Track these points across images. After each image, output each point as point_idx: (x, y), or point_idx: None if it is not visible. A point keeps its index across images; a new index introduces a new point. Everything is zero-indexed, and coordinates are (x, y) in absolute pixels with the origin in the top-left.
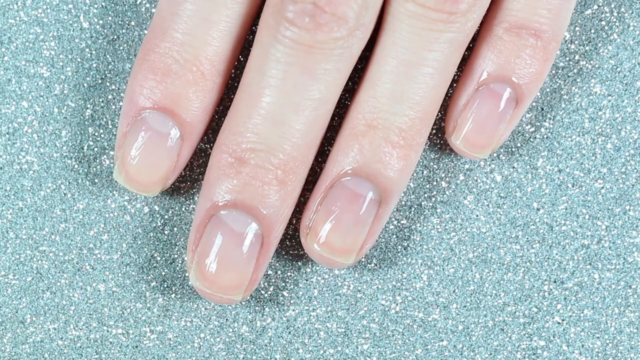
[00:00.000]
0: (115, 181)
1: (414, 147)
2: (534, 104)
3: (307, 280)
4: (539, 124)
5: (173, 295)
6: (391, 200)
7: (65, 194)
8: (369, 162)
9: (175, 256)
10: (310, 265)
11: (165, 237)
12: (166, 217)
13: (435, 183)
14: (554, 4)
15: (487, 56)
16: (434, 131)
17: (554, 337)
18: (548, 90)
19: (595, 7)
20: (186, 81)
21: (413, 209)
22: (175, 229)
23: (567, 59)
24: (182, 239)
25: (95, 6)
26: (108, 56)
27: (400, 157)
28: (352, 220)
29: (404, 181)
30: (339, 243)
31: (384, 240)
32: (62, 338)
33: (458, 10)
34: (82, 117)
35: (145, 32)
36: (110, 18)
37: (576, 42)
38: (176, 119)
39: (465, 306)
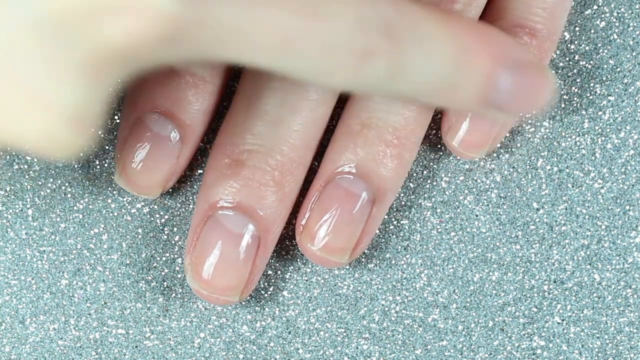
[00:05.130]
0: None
1: (407, 146)
2: None
3: (307, 280)
4: (539, 124)
5: (173, 295)
6: (385, 199)
7: (65, 194)
8: (363, 161)
9: (175, 256)
10: (310, 265)
11: (165, 237)
12: (166, 217)
13: (435, 183)
14: (549, 3)
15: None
16: (433, 131)
17: (554, 337)
18: None
19: (595, 7)
20: (186, 84)
21: (413, 209)
22: (175, 229)
23: (567, 59)
24: (182, 239)
25: None
26: None
27: (394, 156)
28: (346, 219)
29: (399, 180)
30: (332, 242)
31: (384, 240)
32: (62, 338)
33: (453, 9)
34: None
35: None
36: None
37: (576, 42)
38: (176, 122)
39: (465, 306)
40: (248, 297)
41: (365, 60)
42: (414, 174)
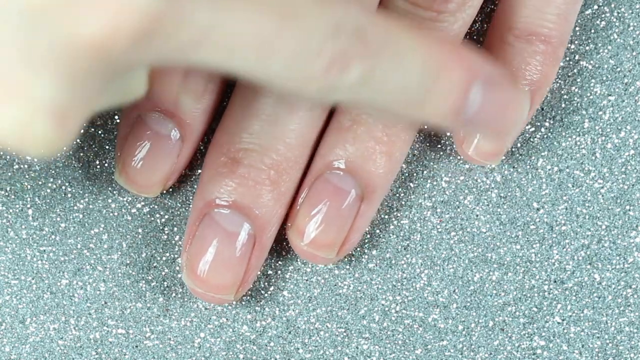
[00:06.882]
0: (116, 181)
1: (397, 143)
2: None
3: (307, 280)
4: (539, 124)
5: (173, 295)
6: (374, 196)
7: (65, 194)
8: (352, 157)
9: (175, 256)
10: (310, 265)
11: (165, 237)
12: (166, 217)
13: (435, 183)
14: (562, 9)
15: (498, 63)
16: (433, 131)
17: (554, 337)
18: (548, 90)
19: (595, 7)
20: None
21: (413, 209)
22: (175, 229)
23: (567, 59)
24: (182, 239)
25: None
26: None
27: (384, 153)
28: (334, 214)
29: (388, 178)
30: (320, 237)
31: (384, 240)
32: (62, 338)
33: (446, 9)
34: None
35: None
36: None
37: (576, 42)
38: (176, 121)
39: (465, 306)
40: (248, 297)
41: (339, 66)
42: (414, 174)
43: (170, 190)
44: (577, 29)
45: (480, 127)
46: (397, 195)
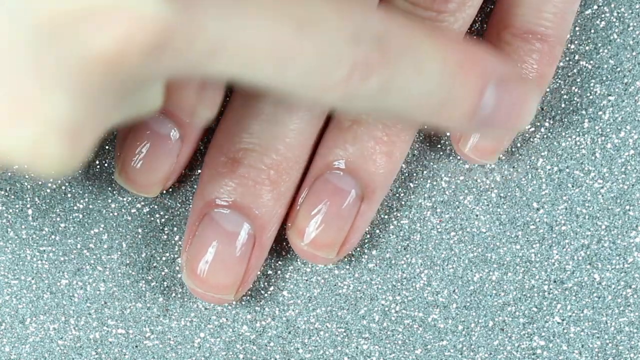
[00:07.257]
0: (115, 181)
1: (397, 143)
2: None
3: (307, 280)
4: (539, 124)
5: (173, 295)
6: (374, 196)
7: (65, 194)
8: (352, 157)
9: (175, 256)
10: (310, 265)
11: (165, 237)
12: (166, 217)
13: (435, 183)
14: (559, 8)
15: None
16: (433, 131)
17: (554, 337)
18: (548, 90)
19: (595, 7)
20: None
21: (413, 209)
22: (175, 229)
23: (567, 59)
24: (182, 239)
25: None
26: None
27: (384, 153)
28: (334, 214)
29: (389, 178)
30: (320, 237)
31: (384, 240)
32: (62, 338)
33: (447, 9)
34: None
35: None
36: None
37: (576, 42)
38: (176, 121)
39: (465, 306)
40: (248, 297)
41: (359, 74)
42: (414, 174)
43: (170, 190)
44: (577, 29)
45: (493, 127)
46: (397, 195)
